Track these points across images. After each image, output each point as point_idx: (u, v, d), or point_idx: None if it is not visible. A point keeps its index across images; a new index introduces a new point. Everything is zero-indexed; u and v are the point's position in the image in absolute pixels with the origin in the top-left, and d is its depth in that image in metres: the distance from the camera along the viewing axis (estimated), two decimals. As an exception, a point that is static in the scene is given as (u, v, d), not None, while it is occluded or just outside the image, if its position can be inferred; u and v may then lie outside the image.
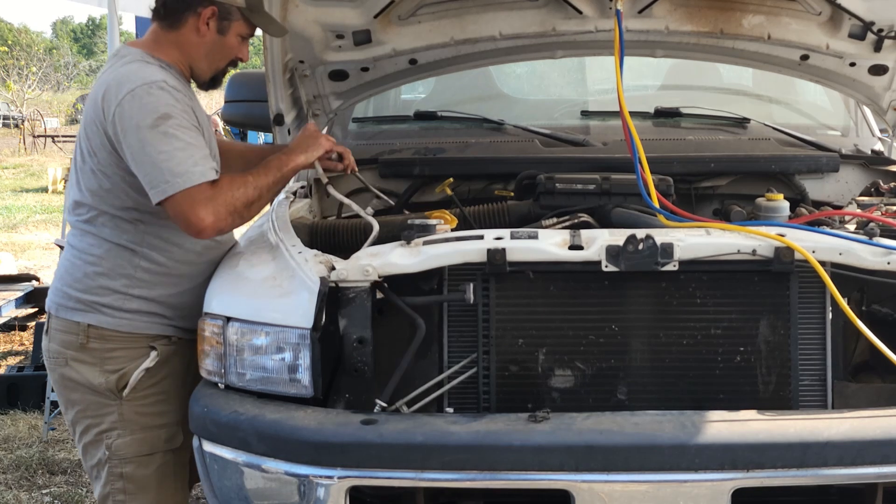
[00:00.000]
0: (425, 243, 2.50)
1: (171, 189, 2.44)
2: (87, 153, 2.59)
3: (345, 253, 2.59)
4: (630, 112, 2.90)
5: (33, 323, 6.93)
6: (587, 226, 2.78)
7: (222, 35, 2.66)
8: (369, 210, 2.80)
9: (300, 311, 2.36)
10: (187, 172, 2.45)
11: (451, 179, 3.18)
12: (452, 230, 2.72)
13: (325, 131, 3.66)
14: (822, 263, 2.42)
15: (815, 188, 3.51)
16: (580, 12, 3.19)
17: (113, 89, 2.51)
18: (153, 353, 2.64)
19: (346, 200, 2.96)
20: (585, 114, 4.01)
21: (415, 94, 4.44)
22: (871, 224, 2.65)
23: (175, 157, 2.45)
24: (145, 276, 2.63)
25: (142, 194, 2.52)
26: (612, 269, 2.42)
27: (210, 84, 2.76)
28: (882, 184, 3.43)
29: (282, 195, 3.17)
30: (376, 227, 2.70)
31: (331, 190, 2.98)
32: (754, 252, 2.44)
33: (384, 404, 2.37)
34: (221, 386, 2.48)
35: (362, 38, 3.26)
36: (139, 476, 2.64)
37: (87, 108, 2.60)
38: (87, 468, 2.74)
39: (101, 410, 2.64)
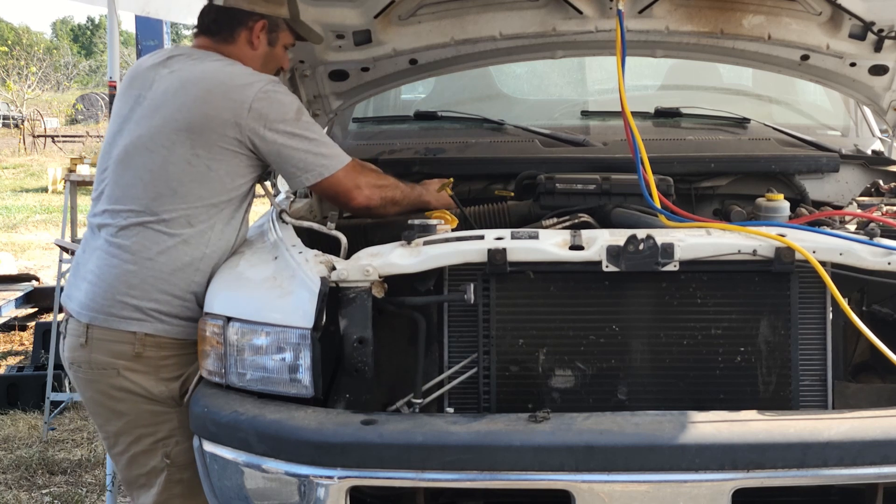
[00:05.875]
0: (426, 243, 2.50)
1: (331, 167, 2.71)
2: (176, 146, 2.59)
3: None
4: (630, 112, 2.90)
5: (33, 323, 6.93)
6: (587, 226, 2.77)
7: (272, 47, 2.83)
8: (331, 225, 2.78)
9: (300, 311, 2.36)
10: (338, 154, 2.74)
11: (452, 180, 3.18)
12: (453, 230, 2.72)
13: (324, 131, 3.67)
14: (823, 264, 2.42)
15: (815, 188, 3.51)
16: (580, 12, 3.19)
17: (236, 88, 2.62)
18: None
19: (308, 224, 2.86)
20: (585, 114, 4.01)
21: (415, 94, 4.44)
22: (872, 224, 2.65)
23: (324, 142, 2.73)
24: (206, 270, 2.63)
25: (237, 178, 2.65)
26: (612, 269, 2.42)
27: None
28: (882, 184, 3.42)
29: (282, 195, 3.17)
30: (344, 241, 2.68)
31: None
32: (755, 252, 2.44)
33: (419, 401, 2.41)
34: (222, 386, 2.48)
35: (362, 38, 3.26)
36: (198, 480, 2.58)
37: (184, 100, 2.61)
38: (130, 477, 2.70)
39: (157, 419, 2.63)
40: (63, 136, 25.71)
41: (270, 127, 2.62)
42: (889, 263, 2.44)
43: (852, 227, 2.84)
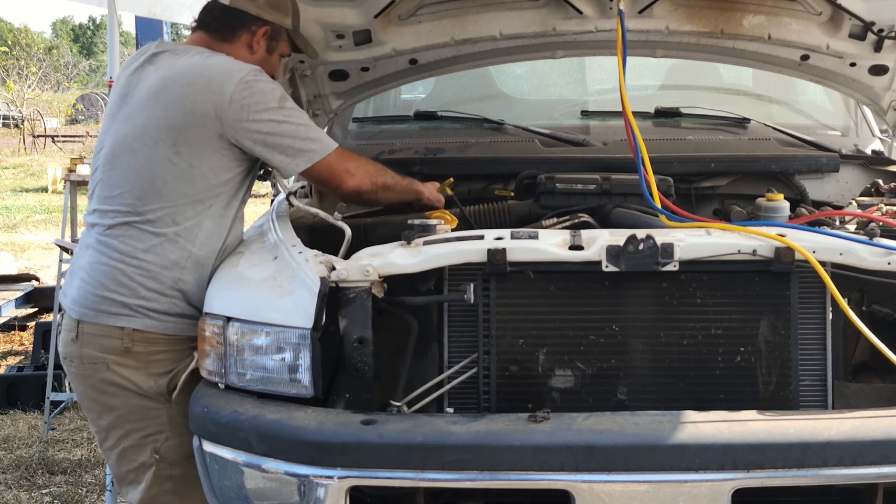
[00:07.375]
0: (426, 243, 2.50)
1: (320, 152, 2.69)
2: (158, 145, 2.61)
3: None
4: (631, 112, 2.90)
5: (33, 323, 6.93)
6: (587, 226, 2.77)
7: (270, 54, 2.85)
8: (337, 216, 2.78)
9: (300, 311, 2.36)
10: (326, 138, 2.74)
11: (452, 179, 3.18)
12: (453, 230, 2.72)
13: (324, 131, 3.67)
14: (823, 264, 2.42)
15: (815, 188, 3.51)
16: (580, 12, 3.19)
17: (216, 79, 2.61)
18: (196, 354, 2.62)
19: (315, 210, 2.89)
20: (585, 114, 4.01)
21: (415, 94, 4.44)
22: (872, 224, 2.65)
23: (310, 127, 2.71)
24: (193, 267, 2.63)
25: (222, 174, 2.64)
26: (612, 269, 2.42)
27: None
28: (882, 184, 3.42)
29: (282, 194, 3.17)
30: (348, 231, 2.69)
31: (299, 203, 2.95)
32: (755, 252, 2.44)
33: (398, 404, 2.40)
34: (222, 386, 2.48)
35: (362, 38, 3.26)
36: (189, 477, 2.60)
37: (165, 98, 2.62)
38: (121, 472, 2.72)
39: (146, 414, 2.64)
40: (63, 136, 25.69)
41: (254, 118, 2.61)
42: (889, 263, 2.44)
43: (852, 227, 2.84)
